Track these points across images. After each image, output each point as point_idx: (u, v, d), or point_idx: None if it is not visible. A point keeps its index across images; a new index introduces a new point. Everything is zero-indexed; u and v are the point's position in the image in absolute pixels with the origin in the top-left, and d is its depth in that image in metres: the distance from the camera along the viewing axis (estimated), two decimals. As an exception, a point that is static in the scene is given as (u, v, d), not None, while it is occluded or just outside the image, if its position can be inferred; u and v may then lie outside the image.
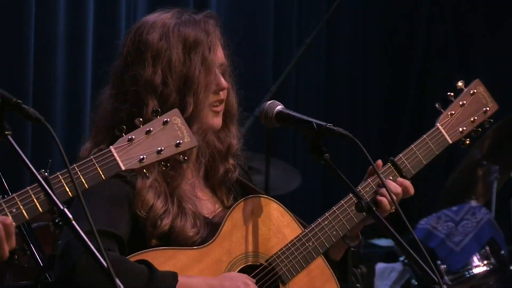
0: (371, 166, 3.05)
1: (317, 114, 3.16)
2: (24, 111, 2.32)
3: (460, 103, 3.26)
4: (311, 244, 3.00)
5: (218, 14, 3.14)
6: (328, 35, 7.23)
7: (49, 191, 2.30)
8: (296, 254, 2.99)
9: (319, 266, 3.04)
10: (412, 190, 3.09)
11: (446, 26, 7.62)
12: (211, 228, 2.94)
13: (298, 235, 3.00)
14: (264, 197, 3.04)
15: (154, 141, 2.51)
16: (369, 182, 3.06)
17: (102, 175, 2.42)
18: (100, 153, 2.44)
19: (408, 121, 7.59)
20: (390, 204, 3.01)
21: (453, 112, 3.23)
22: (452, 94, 3.26)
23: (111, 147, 2.45)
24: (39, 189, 2.32)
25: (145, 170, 2.54)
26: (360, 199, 2.87)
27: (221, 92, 3.01)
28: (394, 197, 3.01)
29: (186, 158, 2.58)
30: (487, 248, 5.59)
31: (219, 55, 3.02)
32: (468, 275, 5.54)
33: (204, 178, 3.09)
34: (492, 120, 3.31)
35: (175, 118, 2.57)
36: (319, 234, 3.02)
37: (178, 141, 2.54)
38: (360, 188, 3.05)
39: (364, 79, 7.56)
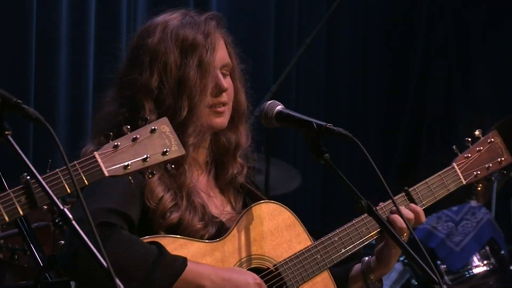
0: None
1: (317, 114, 3.16)
2: (24, 111, 2.32)
3: (477, 148, 3.36)
4: (319, 257, 3.02)
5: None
6: (328, 35, 7.24)
7: (49, 191, 2.30)
8: (303, 264, 3.00)
9: (325, 280, 3.06)
10: (423, 218, 3.12)
11: (446, 26, 7.62)
12: (219, 227, 2.95)
13: (307, 246, 3.02)
14: (279, 204, 3.06)
15: (140, 149, 2.51)
16: (382, 207, 3.08)
17: (85, 180, 2.43)
18: (84, 158, 2.45)
19: (408, 121, 7.59)
20: (403, 228, 3.01)
21: (469, 155, 3.33)
22: (469, 139, 3.36)
23: (95, 153, 2.46)
24: (21, 192, 2.32)
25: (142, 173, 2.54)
26: (360, 199, 2.87)
27: (223, 94, 3.01)
28: (404, 225, 3.02)
29: (173, 167, 2.59)
30: (487, 248, 5.60)
31: (221, 57, 3.02)
32: (468, 275, 5.54)
33: (214, 178, 3.10)
34: (505, 172, 3.42)
35: (163, 126, 2.56)
36: (328, 249, 3.03)
37: (165, 149, 2.54)
38: (382, 205, 3.06)
39: (364, 79, 7.56)
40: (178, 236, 2.86)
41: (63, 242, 3.57)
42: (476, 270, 5.54)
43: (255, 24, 6.85)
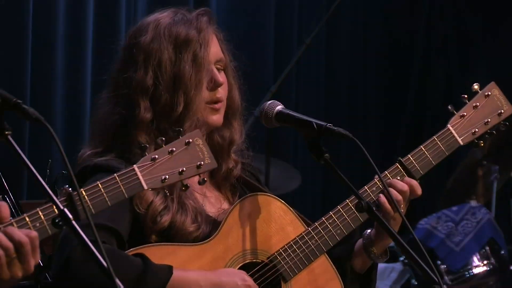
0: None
1: (317, 114, 3.16)
2: (24, 111, 2.32)
3: (474, 105, 3.20)
4: (314, 242, 2.99)
5: (218, 14, 3.15)
6: (328, 35, 7.24)
7: (49, 191, 2.30)
8: (298, 252, 2.98)
9: (323, 265, 3.02)
10: (419, 190, 3.07)
11: (446, 26, 7.62)
12: (214, 225, 2.94)
13: (301, 233, 2.99)
14: (267, 195, 3.04)
15: (176, 162, 2.54)
16: (376, 181, 3.03)
17: (125, 194, 2.44)
18: (124, 171, 2.46)
19: (408, 121, 7.59)
20: (392, 208, 2.99)
21: (465, 113, 3.18)
22: (465, 96, 3.21)
23: (134, 166, 2.48)
24: (63, 202, 2.33)
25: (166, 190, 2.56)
26: (360, 199, 2.86)
27: (219, 89, 3.01)
28: (400, 197, 3.00)
29: (205, 179, 2.61)
30: (487, 248, 5.60)
31: (214, 51, 3.02)
32: (468, 275, 5.54)
33: (210, 175, 3.10)
34: (507, 123, 3.23)
35: (197, 139, 2.59)
36: (323, 233, 3.00)
37: (199, 163, 2.57)
38: (366, 187, 3.04)
39: (364, 79, 7.56)
40: (166, 244, 2.85)
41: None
42: (476, 270, 5.54)
43: (255, 24, 6.85)
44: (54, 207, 2.30)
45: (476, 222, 5.65)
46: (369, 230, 3.09)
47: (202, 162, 2.58)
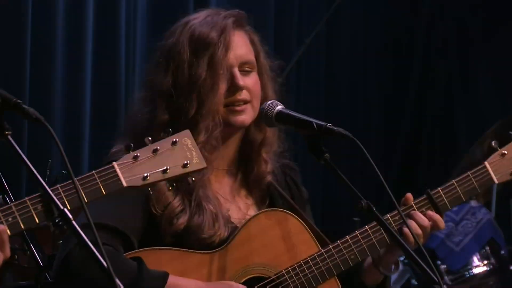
0: (406, 196, 3.03)
1: (317, 114, 3.15)
2: (24, 111, 2.33)
3: None
4: (325, 264, 2.97)
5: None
6: (328, 35, 7.23)
7: (49, 191, 2.30)
8: (307, 272, 2.96)
9: (332, 287, 3.01)
10: (442, 224, 3.05)
11: (446, 26, 7.61)
12: (233, 232, 2.93)
13: (313, 254, 2.98)
14: (284, 212, 3.03)
15: (160, 161, 2.52)
16: (399, 212, 2.99)
17: (103, 190, 2.43)
18: (103, 168, 2.45)
19: (408, 121, 7.59)
20: (418, 235, 2.98)
21: (505, 152, 3.13)
22: (496, 142, 3.15)
23: (114, 163, 2.47)
24: (38, 200, 2.33)
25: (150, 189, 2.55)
26: (360, 199, 2.86)
27: (242, 91, 3.00)
28: (420, 231, 2.99)
29: (194, 179, 2.59)
30: (487, 248, 5.59)
31: (239, 54, 3.01)
32: (468, 275, 5.53)
33: (243, 179, 3.09)
34: None
35: (185, 139, 2.57)
36: (336, 256, 2.99)
37: (185, 162, 2.55)
38: (388, 216, 3.03)
39: (364, 79, 7.55)
40: (174, 248, 2.84)
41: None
42: (476, 270, 5.54)
43: (255, 24, 6.83)
44: (54, 207, 2.30)
45: (476, 222, 5.64)
46: None
47: (189, 162, 2.55)
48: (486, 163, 3.13)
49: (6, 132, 2.33)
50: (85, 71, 5.48)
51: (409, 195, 3.08)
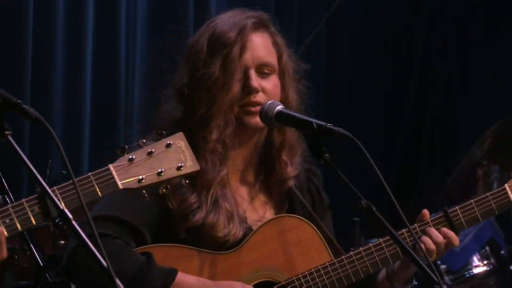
0: (422, 212, 3.04)
1: (317, 114, 3.15)
2: (24, 111, 2.33)
3: None
4: (336, 274, 2.97)
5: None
6: (328, 35, 7.23)
7: (49, 191, 2.30)
8: (318, 280, 2.96)
9: None
10: (456, 242, 3.08)
11: (446, 26, 7.61)
12: (248, 233, 2.93)
13: (325, 263, 2.98)
14: (299, 219, 3.03)
15: (155, 163, 2.53)
16: (416, 227, 3.04)
17: (99, 192, 2.44)
18: (99, 170, 2.46)
19: (408, 121, 7.59)
20: (431, 250, 2.98)
21: None
22: None
23: (110, 165, 2.47)
24: (35, 201, 2.33)
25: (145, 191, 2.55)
26: (360, 199, 2.86)
27: (258, 94, 3.00)
28: (433, 247, 3.01)
29: (188, 182, 2.60)
30: (487, 248, 5.59)
31: (256, 56, 3.01)
32: (468, 275, 5.53)
33: (264, 181, 3.09)
34: None
35: (179, 141, 2.59)
36: (348, 266, 2.99)
37: (179, 164, 2.56)
38: (404, 231, 3.02)
39: (364, 79, 7.55)
40: (185, 246, 2.84)
41: (62, 242, 3.58)
42: (476, 270, 5.53)
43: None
44: (54, 207, 2.30)
45: (476, 222, 5.64)
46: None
47: (183, 164, 2.55)
48: (506, 185, 3.12)
49: (6, 132, 2.33)
50: (85, 71, 5.47)
51: (425, 211, 3.08)
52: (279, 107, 3.04)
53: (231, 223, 2.91)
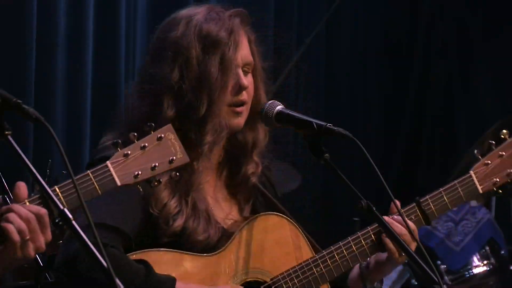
0: (392, 204, 3.02)
1: (317, 114, 3.15)
2: (24, 111, 2.33)
3: (499, 153, 3.15)
4: (318, 270, 2.97)
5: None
6: (328, 35, 7.23)
7: (49, 191, 2.30)
8: (302, 277, 2.96)
9: None
10: (415, 235, 3.02)
11: (446, 26, 7.61)
12: (223, 235, 2.93)
13: (307, 260, 2.98)
14: (280, 216, 3.03)
15: (148, 157, 2.53)
16: (400, 213, 3.00)
17: (99, 190, 2.44)
18: (97, 167, 2.45)
19: (408, 121, 7.59)
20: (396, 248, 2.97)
21: (489, 161, 3.14)
22: (493, 142, 3.16)
23: (107, 162, 2.47)
24: (37, 202, 2.34)
25: (139, 186, 2.55)
26: (360, 199, 2.86)
27: (243, 93, 2.98)
28: (411, 232, 2.99)
29: (177, 174, 2.59)
30: (487, 248, 5.59)
31: (243, 54, 2.99)
32: (468, 275, 5.53)
33: (227, 178, 3.07)
34: None
35: (168, 134, 2.58)
36: (329, 262, 2.99)
37: (171, 158, 2.55)
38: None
39: (364, 79, 7.55)
40: (172, 250, 2.83)
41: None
42: (476, 270, 5.53)
43: (255, 24, 6.83)
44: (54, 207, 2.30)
45: (476, 222, 5.64)
46: (368, 259, 3.08)
47: (174, 157, 2.55)
48: (471, 172, 3.15)
49: (6, 132, 2.34)
50: (86, 71, 5.48)
51: (396, 201, 3.07)
52: (279, 107, 3.04)
53: (209, 225, 2.90)
